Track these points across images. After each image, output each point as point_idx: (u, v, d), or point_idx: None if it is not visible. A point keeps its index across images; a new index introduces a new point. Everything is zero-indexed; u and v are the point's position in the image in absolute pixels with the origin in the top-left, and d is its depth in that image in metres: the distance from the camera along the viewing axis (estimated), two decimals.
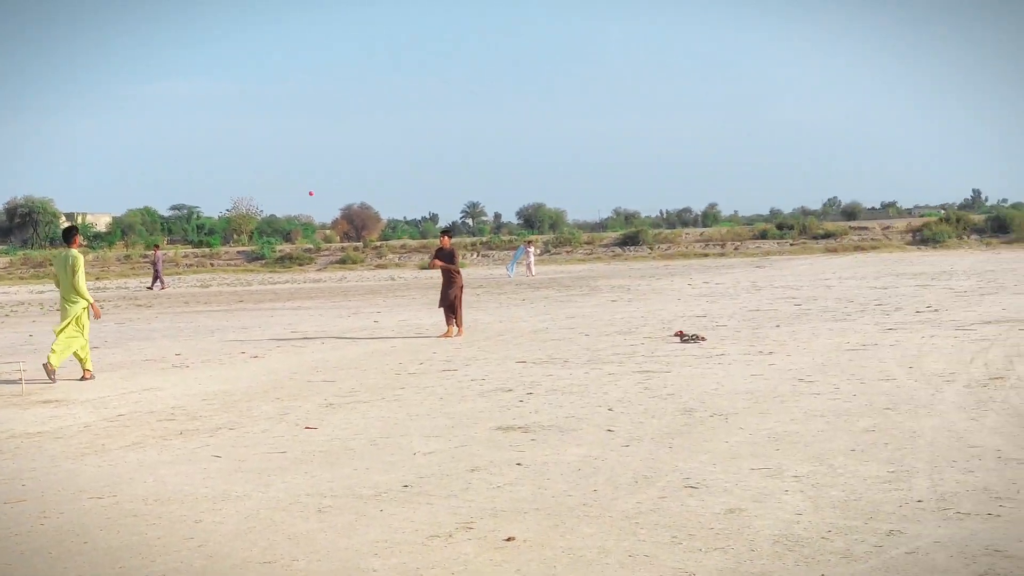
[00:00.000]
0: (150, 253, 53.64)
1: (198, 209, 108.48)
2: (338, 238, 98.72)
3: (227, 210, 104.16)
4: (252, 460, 8.07)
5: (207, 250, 76.46)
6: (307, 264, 69.23)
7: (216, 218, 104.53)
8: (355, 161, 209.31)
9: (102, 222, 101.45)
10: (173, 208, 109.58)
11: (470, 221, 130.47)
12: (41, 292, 44.49)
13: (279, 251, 73.60)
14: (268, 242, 77.76)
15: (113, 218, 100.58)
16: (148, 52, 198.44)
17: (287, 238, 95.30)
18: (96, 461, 8.26)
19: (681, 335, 15.95)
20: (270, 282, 49.96)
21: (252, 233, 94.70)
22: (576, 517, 6.12)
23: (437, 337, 17.81)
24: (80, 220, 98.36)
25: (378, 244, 75.51)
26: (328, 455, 8.18)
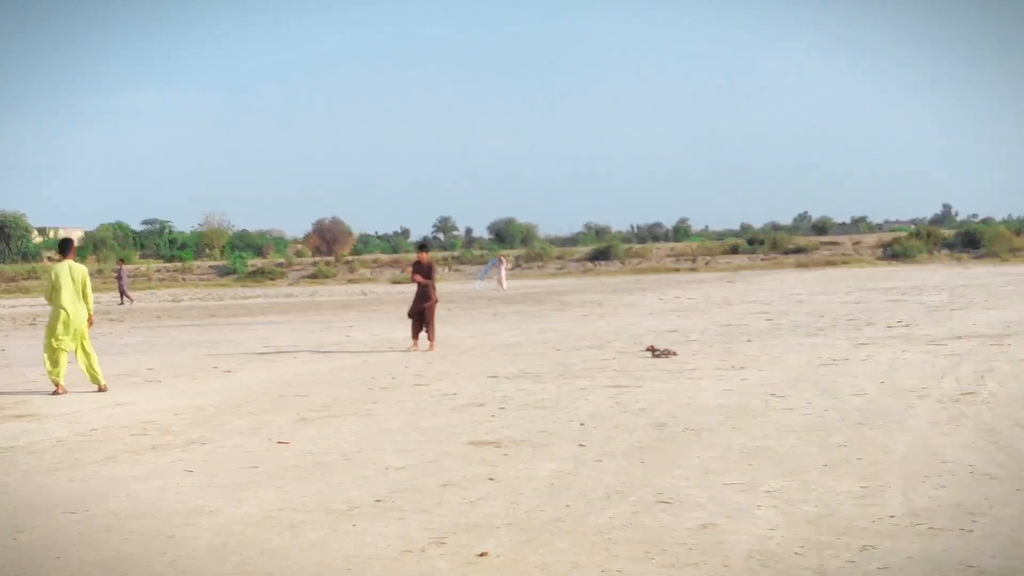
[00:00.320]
0: (118, 268, 53.35)
1: (170, 223, 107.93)
2: (310, 252, 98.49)
3: (199, 224, 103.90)
4: (225, 475, 8.02)
5: (179, 264, 76.18)
6: (279, 279, 69.12)
7: (188, 232, 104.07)
8: (327, 175, 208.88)
9: (74, 236, 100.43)
10: (145, 223, 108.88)
11: (441, 236, 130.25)
12: (14, 307, 44.11)
13: (251, 265, 73.42)
14: (240, 256, 77.51)
15: (85, 232, 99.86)
16: (119, 64, 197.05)
17: (259, 252, 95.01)
18: (69, 476, 8.20)
19: (653, 350, 15.97)
20: (242, 296, 49.78)
21: (224, 247, 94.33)
22: (549, 532, 6.11)
23: (406, 351, 17.82)
24: (52, 234, 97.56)
25: (350, 259, 75.47)
26: (301, 470, 8.14)
